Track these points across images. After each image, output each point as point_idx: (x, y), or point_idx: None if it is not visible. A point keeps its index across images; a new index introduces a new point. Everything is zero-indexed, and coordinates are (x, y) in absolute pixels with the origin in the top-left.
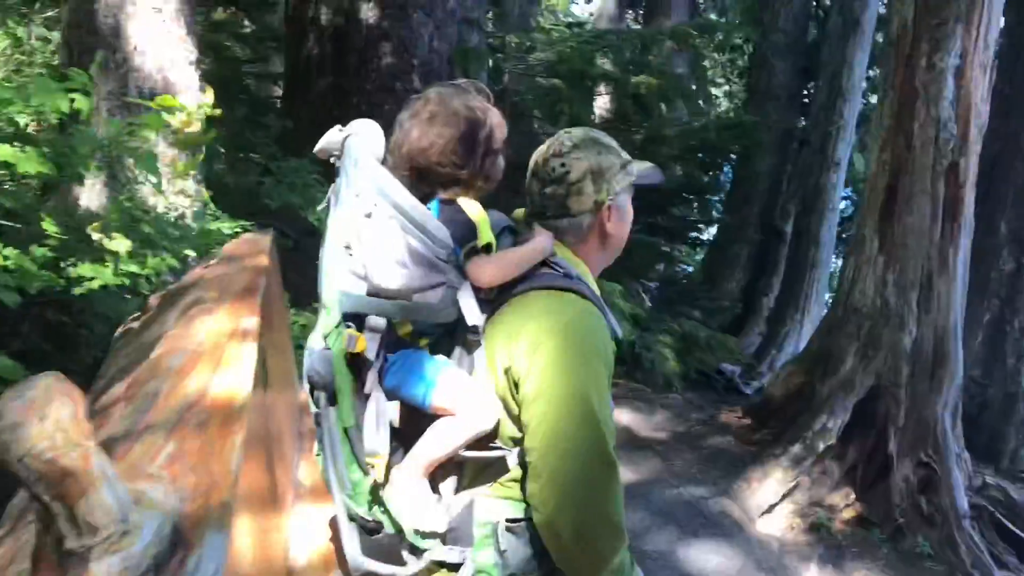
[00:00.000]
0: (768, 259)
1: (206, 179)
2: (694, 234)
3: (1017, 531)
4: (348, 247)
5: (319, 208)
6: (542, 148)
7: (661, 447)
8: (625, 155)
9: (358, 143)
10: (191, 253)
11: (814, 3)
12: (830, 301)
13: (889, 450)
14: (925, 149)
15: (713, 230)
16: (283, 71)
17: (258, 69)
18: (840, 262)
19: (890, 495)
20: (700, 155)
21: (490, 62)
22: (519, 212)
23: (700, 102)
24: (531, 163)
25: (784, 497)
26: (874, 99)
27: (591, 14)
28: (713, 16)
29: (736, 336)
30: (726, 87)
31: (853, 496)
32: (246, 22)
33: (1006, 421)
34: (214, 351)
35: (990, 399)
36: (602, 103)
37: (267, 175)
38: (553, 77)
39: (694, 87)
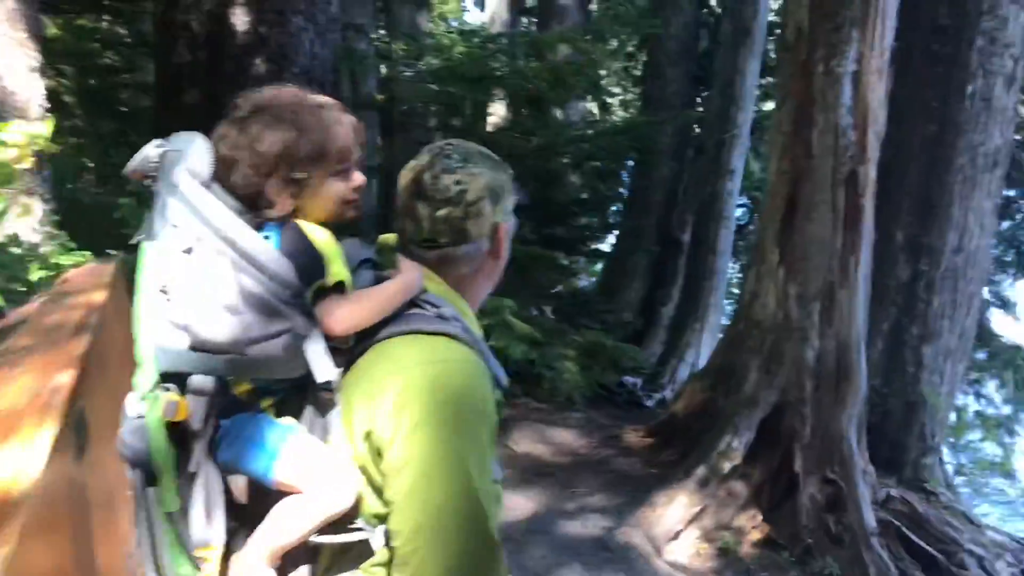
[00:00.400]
0: (667, 268)
1: (56, 200)
2: (593, 245)
3: (923, 544)
4: (164, 290)
5: (129, 243)
6: (421, 163)
7: (563, 473)
8: (508, 168)
9: (176, 161)
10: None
11: (705, 11)
12: (730, 310)
13: (795, 468)
14: (824, 157)
15: (612, 240)
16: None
17: (134, 79)
18: (738, 270)
19: (797, 515)
20: (598, 163)
21: (382, 68)
22: (387, 238)
23: (595, 107)
24: (408, 182)
25: (690, 522)
26: (767, 107)
27: (484, 22)
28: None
29: (638, 347)
30: (622, 96)
31: (760, 517)
32: (120, 29)
33: (907, 431)
34: (6, 422)
35: (891, 409)
36: (493, 112)
37: (135, 196)
38: (446, 84)
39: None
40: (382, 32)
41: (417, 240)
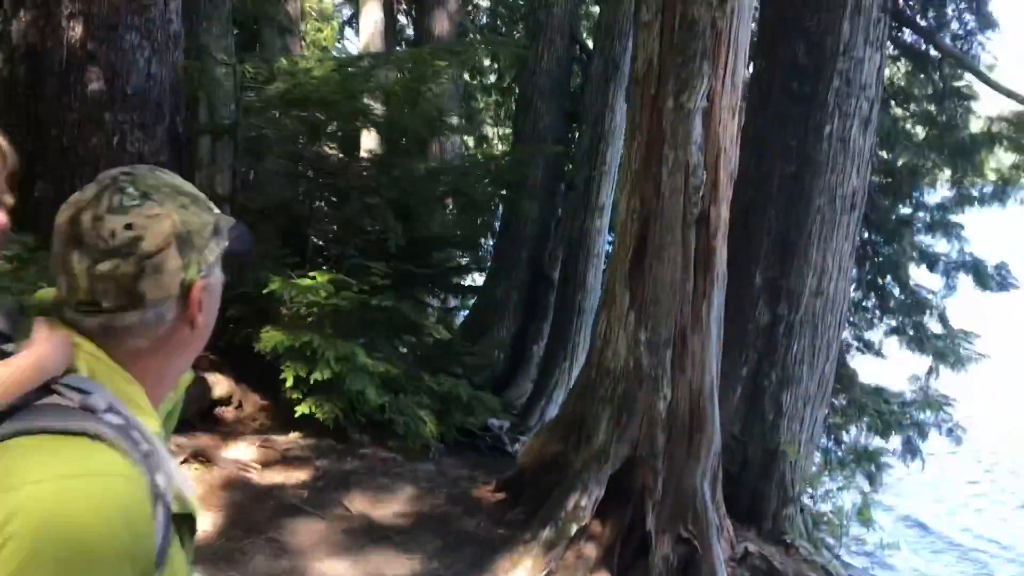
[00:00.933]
0: (538, 305)
1: None
2: (461, 281)
3: None
4: None
5: None
6: (84, 198)
7: (400, 536)
8: (214, 208)
9: None
10: None
11: (577, 46)
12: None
13: (647, 527)
14: (674, 196)
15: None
16: None
17: None
18: None
19: None
20: (466, 197)
21: (239, 91)
22: (44, 294)
23: (470, 140)
24: (63, 223)
25: None
26: None
27: (359, 52)
28: (487, 62)
29: (508, 386)
30: (498, 130)
31: None
32: None
33: (767, 480)
34: None
35: (750, 458)
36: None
37: None
38: (298, 108)
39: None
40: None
41: (72, 302)
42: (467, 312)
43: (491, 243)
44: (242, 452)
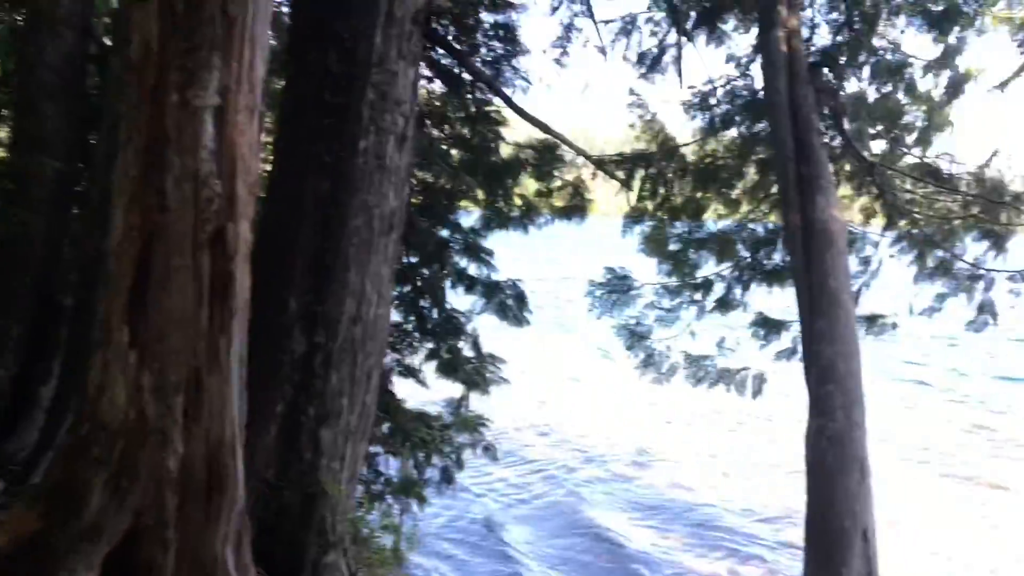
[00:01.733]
0: (46, 339)
1: None
2: None
3: None
4: None
5: None
6: None
7: None
8: None
9: None
10: None
11: (93, 42)
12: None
13: None
14: (183, 211)
15: None
16: None
17: None
18: None
19: None
20: None
21: None
22: None
23: None
24: None
25: None
26: None
27: None
28: None
29: (8, 437)
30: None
31: None
32: None
33: (306, 527)
34: None
35: (287, 503)
36: None
37: None
38: None
39: None
40: None
41: None
42: None
43: None
44: None
